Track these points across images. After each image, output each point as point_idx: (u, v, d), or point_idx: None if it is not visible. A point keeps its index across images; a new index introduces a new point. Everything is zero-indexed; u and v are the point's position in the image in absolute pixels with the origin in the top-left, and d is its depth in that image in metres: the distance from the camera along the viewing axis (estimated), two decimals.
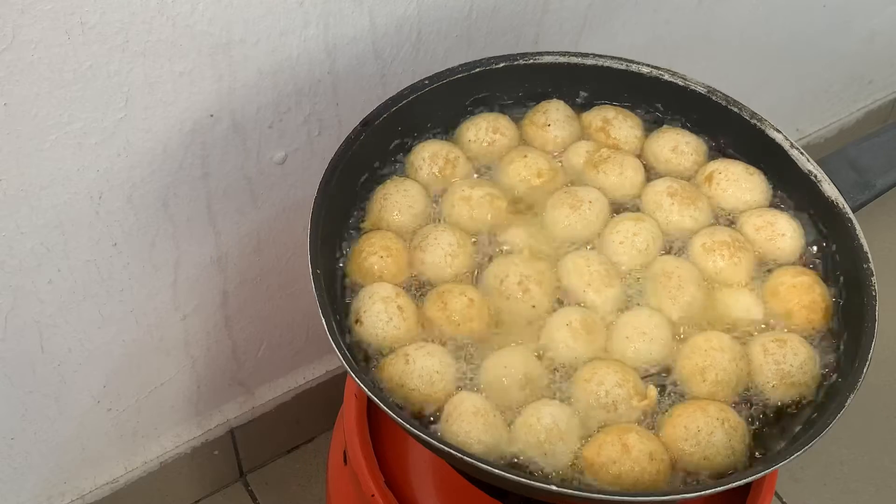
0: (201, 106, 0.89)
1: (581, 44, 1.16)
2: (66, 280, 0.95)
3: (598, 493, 0.67)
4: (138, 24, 0.79)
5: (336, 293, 0.79)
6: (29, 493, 1.15)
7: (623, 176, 0.87)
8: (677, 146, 0.90)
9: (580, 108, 0.94)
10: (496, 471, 0.64)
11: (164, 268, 1.02)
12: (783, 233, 0.84)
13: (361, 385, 0.68)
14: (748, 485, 0.87)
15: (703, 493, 0.67)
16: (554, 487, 0.64)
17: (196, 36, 0.83)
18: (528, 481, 0.64)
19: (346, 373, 0.74)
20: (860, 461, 1.47)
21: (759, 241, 0.84)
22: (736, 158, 0.90)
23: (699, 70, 0.91)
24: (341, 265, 0.81)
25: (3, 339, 0.95)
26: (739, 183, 0.87)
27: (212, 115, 0.91)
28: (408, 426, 0.66)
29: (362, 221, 0.84)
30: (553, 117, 0.91)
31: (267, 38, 0.88)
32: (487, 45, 1.06)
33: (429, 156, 0.88)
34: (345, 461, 0.94)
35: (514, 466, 0.71)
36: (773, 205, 0.88)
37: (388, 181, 0.86)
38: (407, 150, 0.89)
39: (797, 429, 0.73)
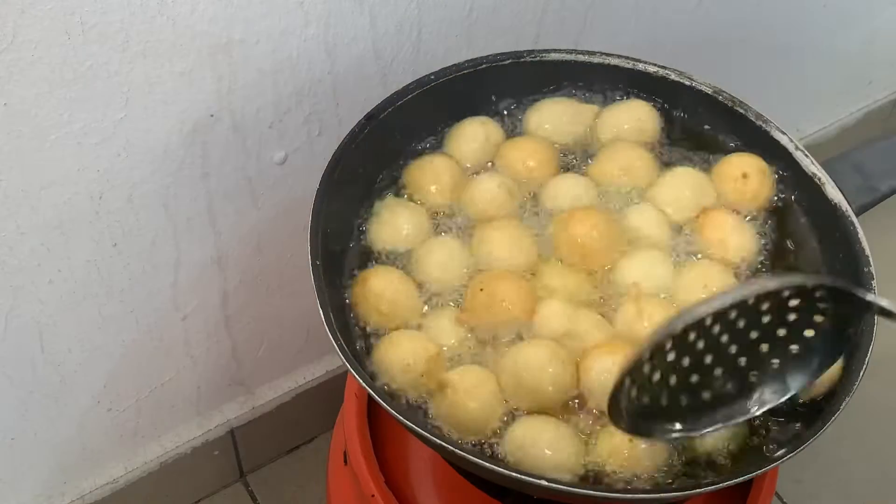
0: (201, 106, 0.89)
1: (581, 44, 1.16)
2: (67, 280, 0.95)
3: (593, 490, 0.68)
4: (138, 24, 0.79)
5: (335, 286, 0.79)
6: (29, 493, 1.15)
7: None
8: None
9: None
10: (487, 464, 0.64)
11: (165, 268, 1.02)
12: None
13: (359, 379, 0.68)
14: (748, 485, 0.87)
15: (702, 490, 0.67)
16: (544, 482, 0.64)
17: (196, 36, 0.83)
18: (521, 476, 0.64)
19: (346, 372, 0.74)
20: (860, 461, 1.47)
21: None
22: (741, 151, 0.89)
23: (698, 70, 0.91)
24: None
25: (3, 339, 0.95)
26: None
27: (212, 115, 0.91)
28: (405, 421, 0.66)
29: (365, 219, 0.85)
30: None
31: (267, 38, 0.88)
32: (487, 45, 1.06)
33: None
34: (345, 461, 0.94)
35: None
36: (772, 205, 0.88)
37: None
38: (405, 148, 0.89)
39: (796, 428, 0.73)
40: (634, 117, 0.90)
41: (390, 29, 0.96)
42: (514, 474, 0.64)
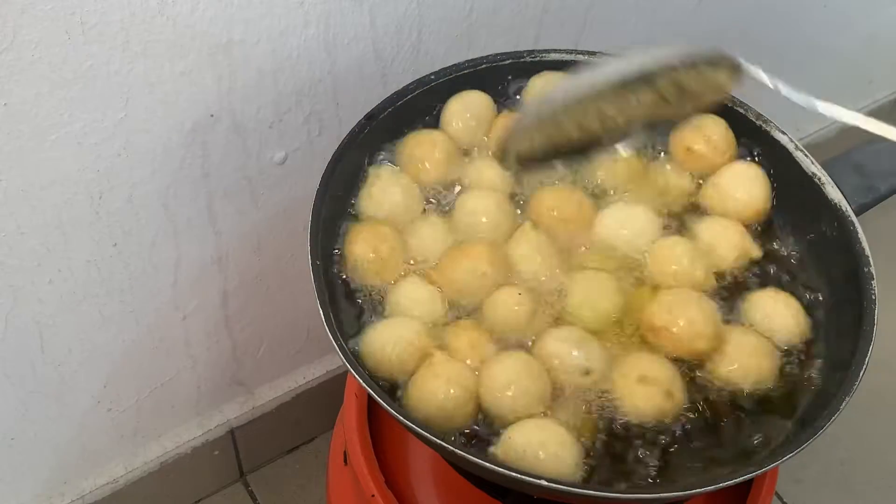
0: (201, 106, 0.89)
1: (581, 44, 1.16)
2: (67, 280, 0.95)
3: (593, 490, 0.68)
4: (138, 24, 0.79)
5: (335, 285, 0.79)
6: (29, 493, 1.15)
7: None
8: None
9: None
10: (487, 464, 0.64)
11: (165, 268, 1.02)
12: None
13: (359, 379, 0.67)
14: (748, 485, 0.87)
15: (702, 490, 0.67)
16: (544, 482, 0.64)
17: (196, 36, 0.83)
18: (521, 476, 0.64)
19: (346, 372, 0.73)
20: (861, 461, 1.47)
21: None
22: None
23: None
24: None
25: (3, 339, 0.95)
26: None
27: (212, 115, 0.91)
28: (406, 421, 0.66)
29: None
30: None
31: (267, 38, 0.88)
32: (488, 45, 1.06)
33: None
34: (345, 461, 0.94)
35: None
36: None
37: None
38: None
39: (795, 428, 0.73)
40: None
41: (390, 29, 0.96)
42: (514, 474, 0.64)
